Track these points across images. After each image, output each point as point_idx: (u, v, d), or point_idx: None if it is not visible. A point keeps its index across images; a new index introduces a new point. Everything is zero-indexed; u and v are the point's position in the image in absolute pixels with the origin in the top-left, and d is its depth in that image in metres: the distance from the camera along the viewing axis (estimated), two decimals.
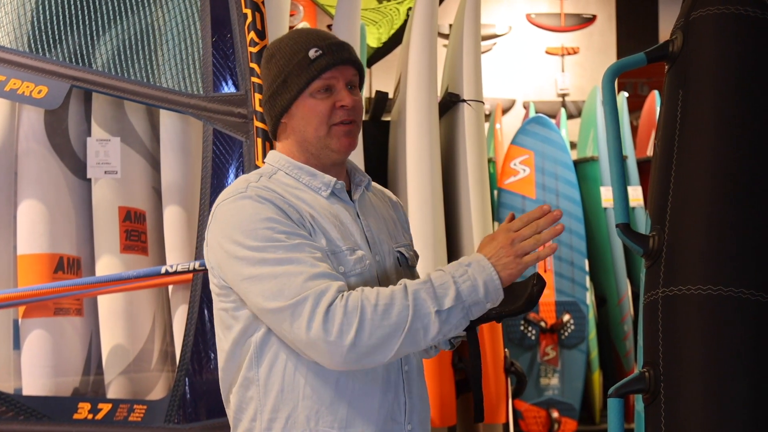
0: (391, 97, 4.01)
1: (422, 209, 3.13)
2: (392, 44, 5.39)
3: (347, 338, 1.55)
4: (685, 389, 1.45)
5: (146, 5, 2.88)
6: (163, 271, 2.76)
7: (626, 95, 5.91)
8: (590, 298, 5.19)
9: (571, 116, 8.40)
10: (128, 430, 2.71)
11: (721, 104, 1.55)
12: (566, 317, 4.94)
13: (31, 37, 2.85)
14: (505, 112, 8.76)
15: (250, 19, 2.73)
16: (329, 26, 6.26)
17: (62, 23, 2.85)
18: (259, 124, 2.70)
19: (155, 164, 3.04)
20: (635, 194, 5.38)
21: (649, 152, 6.07)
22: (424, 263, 2.76)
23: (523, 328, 4.96)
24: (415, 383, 1.79)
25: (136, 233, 2.98)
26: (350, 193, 1.84)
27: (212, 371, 2.70)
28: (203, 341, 2.69)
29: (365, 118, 4.06)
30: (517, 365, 3.32)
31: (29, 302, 2.82)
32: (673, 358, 1.48)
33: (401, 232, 1.93)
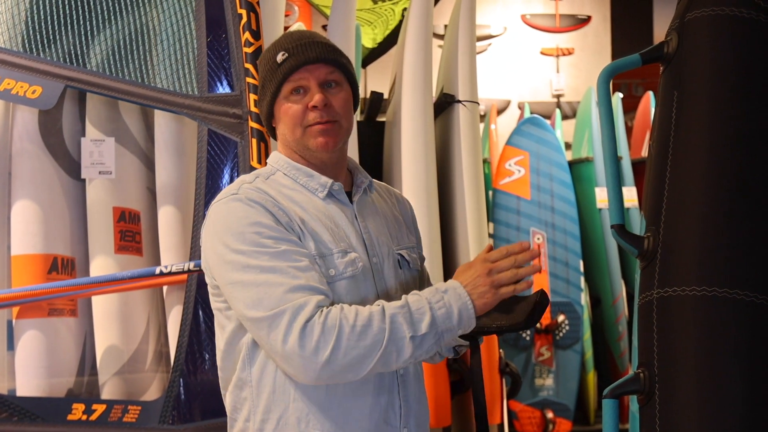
0: (386, 97, 4.00)
1: (417, 210, 3.08)
2: (387, 45, 5.39)
3: (323, 355, 1.56)
4: (679, 390, 1.45)
5: (141, 5, 2.88)
6: (157, 271, 2.75)
7: (621, 96, 5.91)
8: (585, 298, 5.19)
9: (565, 117, 8.40)
10: (122, 431, 2.71)
11: (716, 105, 1.55)
12: (561, 318, 4.94)
13: (25, 36, 2.84)
14: (500, 112, 8.75)
15: (245, 19, 2.73)
16: (324, 27, 6.26)
17: (56, 23, 2.84)
18: (254, 124, 2.69)
19: (150, 164, 3.04)
20: (630, 195, 5.38)
21: (643, 153, 6.08)
22: None
23: None
24: (411, 387, 1.79)
25: (130, 234, 2.98)
26: (352, 193, 1.84)
27: (207, 372, 2.69)
28: (198, 342, 2.69)
29: (360, 118, 4.05)
30: (511, 366, 3.32)
31: (23, 303, 2.82)
32: (667, 359, 1.48)
33: (405, 233, 1.92)
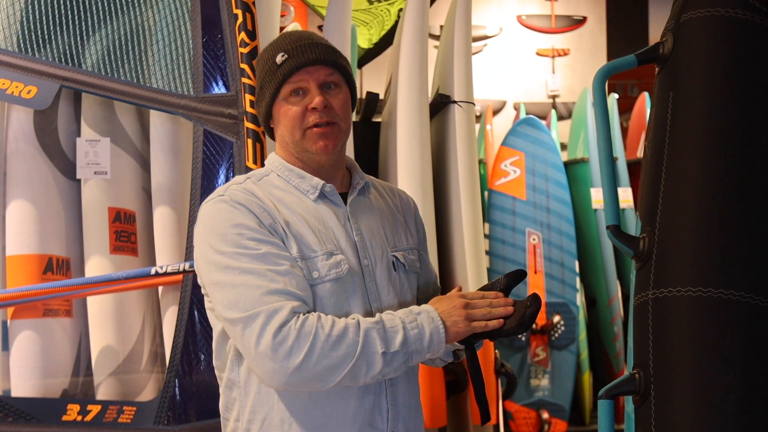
0: (381, 98, 4.00)
1: None
2: (383, 45, 5.40)
3: (294, 361, 1.57)
4: (675, 391, 1.45)
5: (136, 5, 2.87)
6: (153, 272, 2.75)
7: (616, 97, 5.92)
8: (580, 299, 5.19)
9: (561, 118, 8.41)
10: (118, 431, 2.70)
11: (711, 106, 1.55)
12: (556, 318, 4.95)
13: (20, 37, 2.83)
14: (495, 113, 8.76)
15: (240, 19, 2.73)
16: (320, 27, 6.26)
17: (52, 23, 2.83)
18: (249, 124, 2.69)
19: (145, 165, 3.03)
20: (625, 196, 5.38)
21: (639, 154, 6.09)
22: None
23: None
24: (401, 390, 1.78)
25: (125, 234, 2.97)
26: (348, 194, 1.83)
27: (202, 372, 2.69)
28: (193, 342, 2.69)
29: (356, 119, 4.05)
30: (507, 366, 3.32)
31: (18, 303, 2.81)
32: (663, 359, 1.48)
33: (404, 234, 1.89)
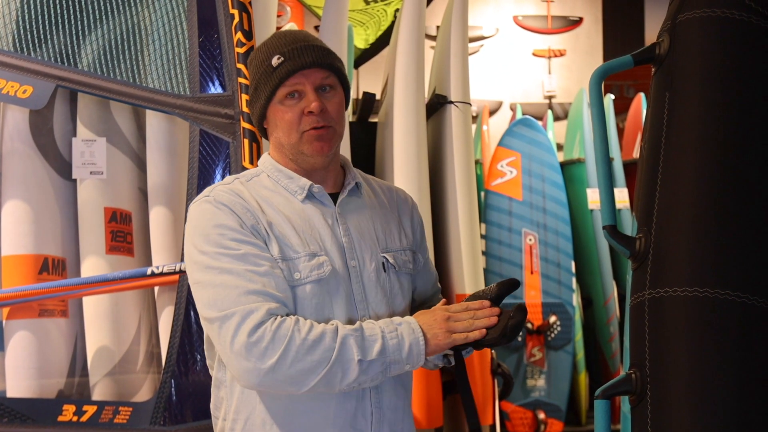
0: (378, 98, 4.00)
1: None
2: (379, 45, 5.40)
3: (268, 362, 1.57)
4: (671, 391, 1.45)
5: (132, 5, 2.87)
6: (149, 272, 2.75)
7: (612, 97, 5.93)
8: (576, 299, 5.20)
9: (557, 118, 8.42)
10: None
11: (707, 107, 1.55)
12: (552, 319, 4.95)
13: (16, 36, 2.83)
14: (492, 113, 8.77)
15: (237, 19, 2.73)
16: (317, 27, 6.25)
17: (48, 23, 2.83)
18: (245, 124, 2.69)
19: (141, 165, 3.03)
20: (622, 196, 5.39)
21: (635, 154, 6.09)
22: None
23: None
24: (387, 394, 1.77)
25: (121, 234, 2.97)
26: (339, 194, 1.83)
27: (198, 373, 2.69)
28: (189, 343, 2.68)
29: (352, 119, 4.05)
30: (503, 367, 3.32)
31: (14, 303, 2.81)
32: (659, 359, 1.48)
33: (398, 234, 1.88)
